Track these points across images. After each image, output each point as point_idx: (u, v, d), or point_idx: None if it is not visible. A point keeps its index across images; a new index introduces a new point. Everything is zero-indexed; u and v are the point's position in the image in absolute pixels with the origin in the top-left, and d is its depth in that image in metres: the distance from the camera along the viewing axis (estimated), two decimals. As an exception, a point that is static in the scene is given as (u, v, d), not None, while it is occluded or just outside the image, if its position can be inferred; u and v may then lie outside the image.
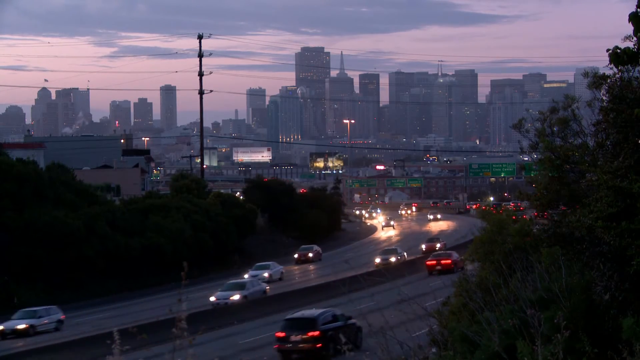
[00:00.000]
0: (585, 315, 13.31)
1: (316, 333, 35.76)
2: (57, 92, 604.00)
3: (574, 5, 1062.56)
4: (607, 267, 13.75)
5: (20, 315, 52.19)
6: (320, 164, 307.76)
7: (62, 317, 53.48)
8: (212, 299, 56.05)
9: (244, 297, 56.26)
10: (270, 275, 72.07)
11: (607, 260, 13.79)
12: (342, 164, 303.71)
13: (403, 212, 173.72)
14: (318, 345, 35.44)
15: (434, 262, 67.57)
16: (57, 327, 52.07)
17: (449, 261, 66.54)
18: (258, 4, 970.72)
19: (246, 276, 68.75)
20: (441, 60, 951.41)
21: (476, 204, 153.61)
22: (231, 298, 56.04)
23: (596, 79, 17.08)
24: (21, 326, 50.63)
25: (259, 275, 70.47)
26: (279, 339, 36.32)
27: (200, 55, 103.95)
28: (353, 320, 36.53)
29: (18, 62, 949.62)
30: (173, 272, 68.45)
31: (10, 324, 51.17)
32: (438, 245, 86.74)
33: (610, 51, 12.63)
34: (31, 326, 50.94)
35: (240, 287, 58.09)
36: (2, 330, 50.62)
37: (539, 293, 14.10)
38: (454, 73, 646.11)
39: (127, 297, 67.42)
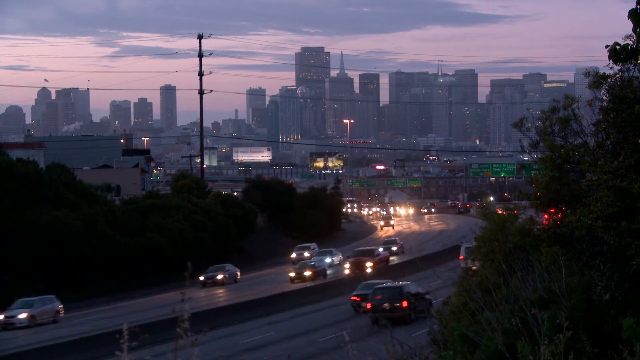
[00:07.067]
0: (585, 315, 13.32)
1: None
2: (57, 92, 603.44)
3: (574, 5, 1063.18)
4: (607, 267, 13.74)
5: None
6: (320, 163, 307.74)
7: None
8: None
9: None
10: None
11: (607, 260, 13.78)
12: (342, 164, 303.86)
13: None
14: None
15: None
16: None
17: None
18: (259, 4, 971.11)
19: None
20: (441, 60, 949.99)
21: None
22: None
23: (597, 79, 17.08)
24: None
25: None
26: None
27: (200, 55, 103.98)
28: (428, 296, 41.95)
29: (19, 62, 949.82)
30: (173, 272, 68.60)
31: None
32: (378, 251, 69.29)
33: (610, 47, 12.66)
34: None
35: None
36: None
37: (539, 293, 14.11)
38: (454, 73, 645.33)
39: (127, 297, 67.36)
